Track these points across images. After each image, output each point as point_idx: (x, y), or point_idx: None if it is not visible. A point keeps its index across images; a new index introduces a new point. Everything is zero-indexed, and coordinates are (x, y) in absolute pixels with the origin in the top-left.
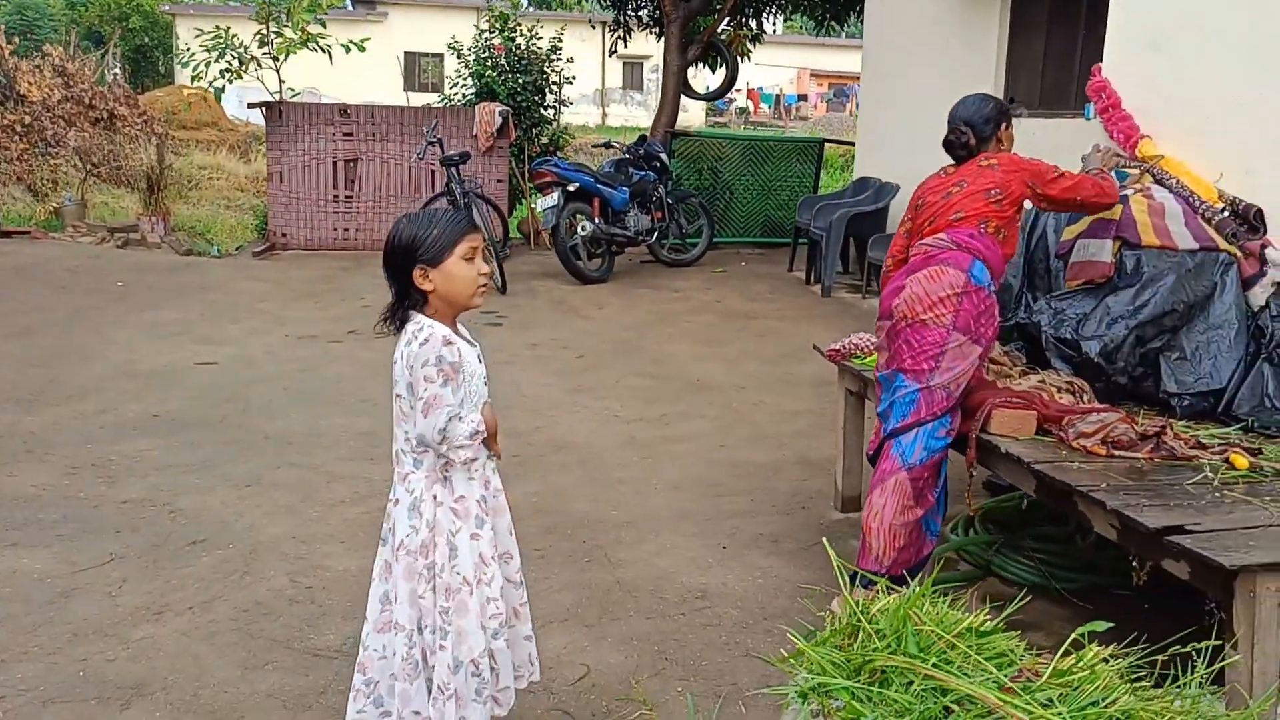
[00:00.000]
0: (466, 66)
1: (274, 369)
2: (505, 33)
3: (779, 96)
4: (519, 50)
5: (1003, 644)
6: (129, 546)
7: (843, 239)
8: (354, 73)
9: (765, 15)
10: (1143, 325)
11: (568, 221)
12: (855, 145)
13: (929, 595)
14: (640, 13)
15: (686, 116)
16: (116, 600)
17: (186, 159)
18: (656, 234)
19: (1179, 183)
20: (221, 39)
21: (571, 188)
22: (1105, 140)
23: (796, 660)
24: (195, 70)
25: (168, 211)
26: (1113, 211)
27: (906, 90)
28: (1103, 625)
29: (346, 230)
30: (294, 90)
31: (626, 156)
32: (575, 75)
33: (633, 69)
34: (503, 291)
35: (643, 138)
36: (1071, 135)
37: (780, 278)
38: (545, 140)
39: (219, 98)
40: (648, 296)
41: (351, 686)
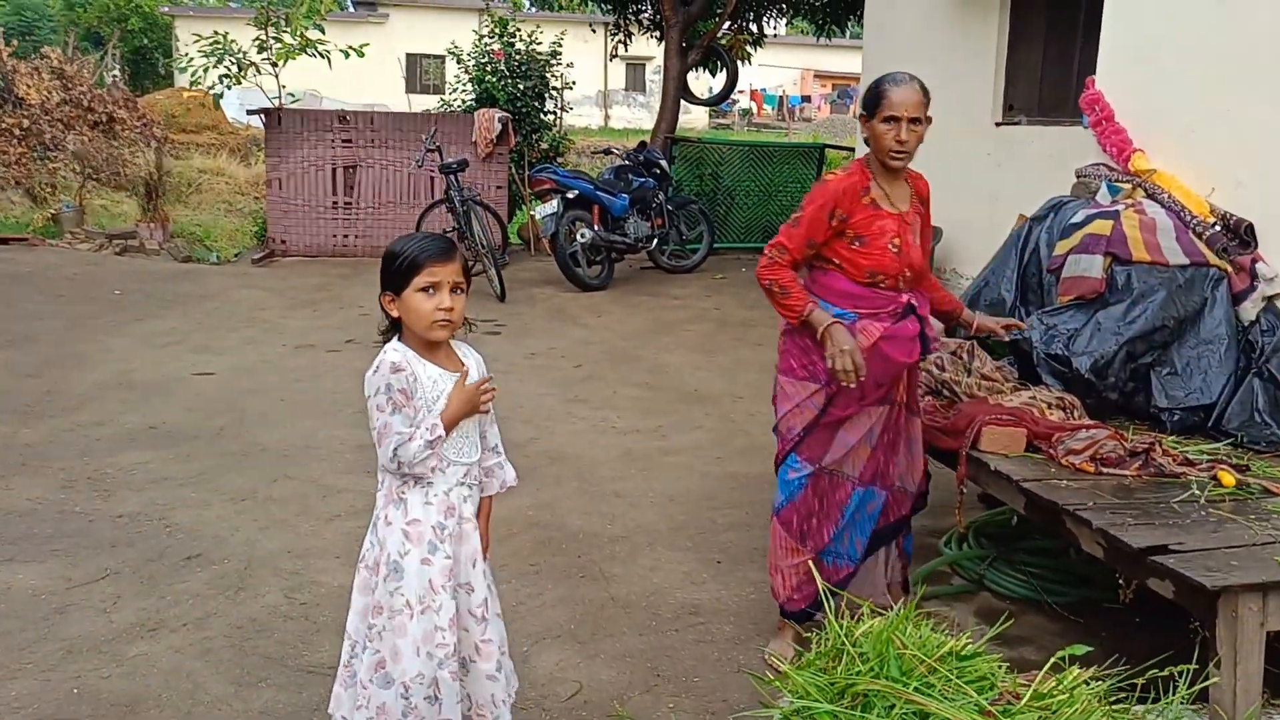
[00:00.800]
0: (466, 72)
1: (271, 379)
2: (504, 38)
3: (782, 98)
4: (519, 55)
5: (984, 667)
6: (124, 562)
7: None
8: (355, 75)
9: (766, 19)
10: (1133, 341)
11: (567, 229)
12: (855, 150)
13: (912, 617)
14: (641, 16)
15: (689, 118)
16: (111, 617)
17: (186, 162)
18: (656, 241)
19: (1171, 197)
20: (220, 44)
21: (571, 195)
22: (1100, 154)
23: (781, 683)
24: (194, 75)
25: (166, 218)
26: (1104, 227)
27: None
28: (1082, 649)
29: (346, 237)
30: (293, 95)
31: (626, 163)
32: (575, 80)
33: (635, 70)
34: (501, 299)
35: (643, 144)
36: (1070, 143)
37: None
38: (545, 146)
39: (218, 103)
40: (647, 304)
41: None
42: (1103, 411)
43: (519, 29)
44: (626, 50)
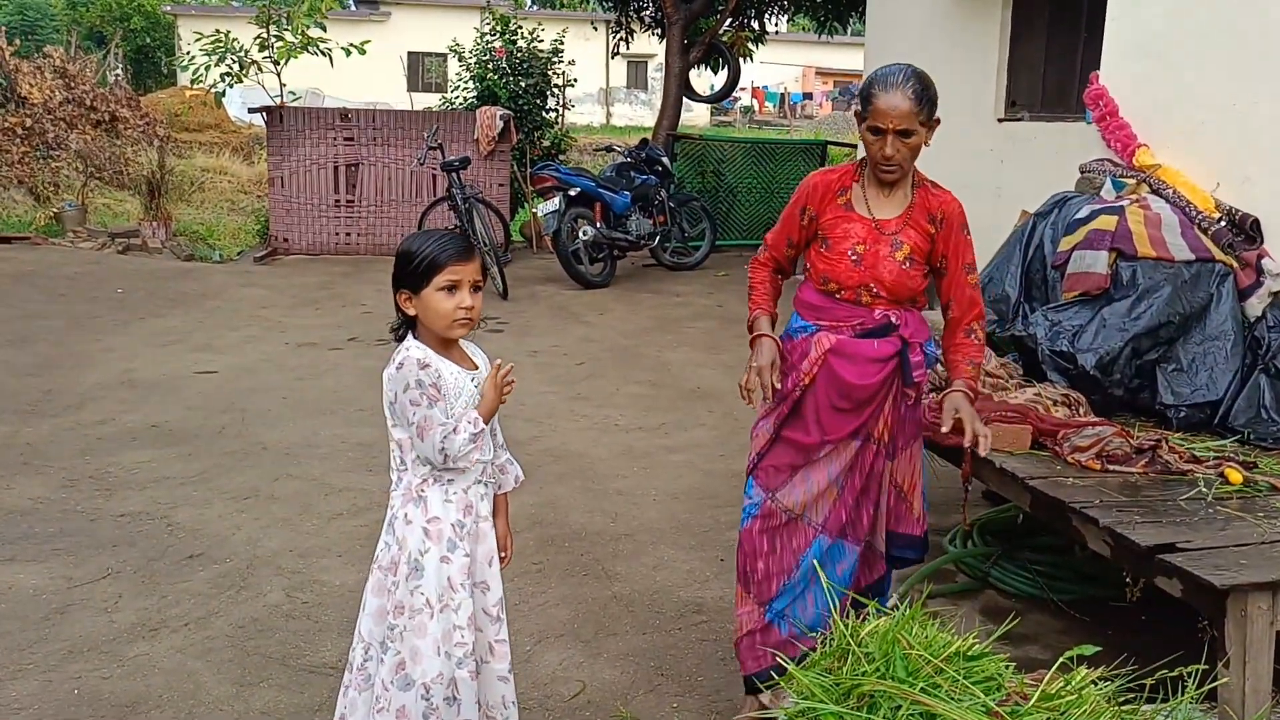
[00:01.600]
0: (468, 69)
1: (273, 378)
2: (506, 36)
3: (784, 95)
4: (520, 53)
5: (991, 667)
6: (125, 561)
7: None
8: (357, 73)
9: (768, 16)
10: (1139, 337)
11: (569, 226)
12: (858, 148)
13: (918, 618)
14: (642, 14)
15: (691, 115)
16: (112, 617)
17: (189, 161)
18: (659, 238)
19: (1176, 192)
20: (221, 43)
21: (573, 192)
22: (1104, 150)
23: (786, 683)
24: (195, 74)
25: (169, 216)
26: (1108, 223)
27: None
28: (1090, 649)
29: (348, 235)
30: (295, 94)
31: (628, 160)
32: (577, 77)
33: (637, 68)
34: (504, 297)
35: (644, 141)
36: (1073, 139)
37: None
38: (547, 144)
39: (219, 101)
40: (649, 301)
41: None
42: (1108, 408)
43: (520, 27)
44: (628, 48)
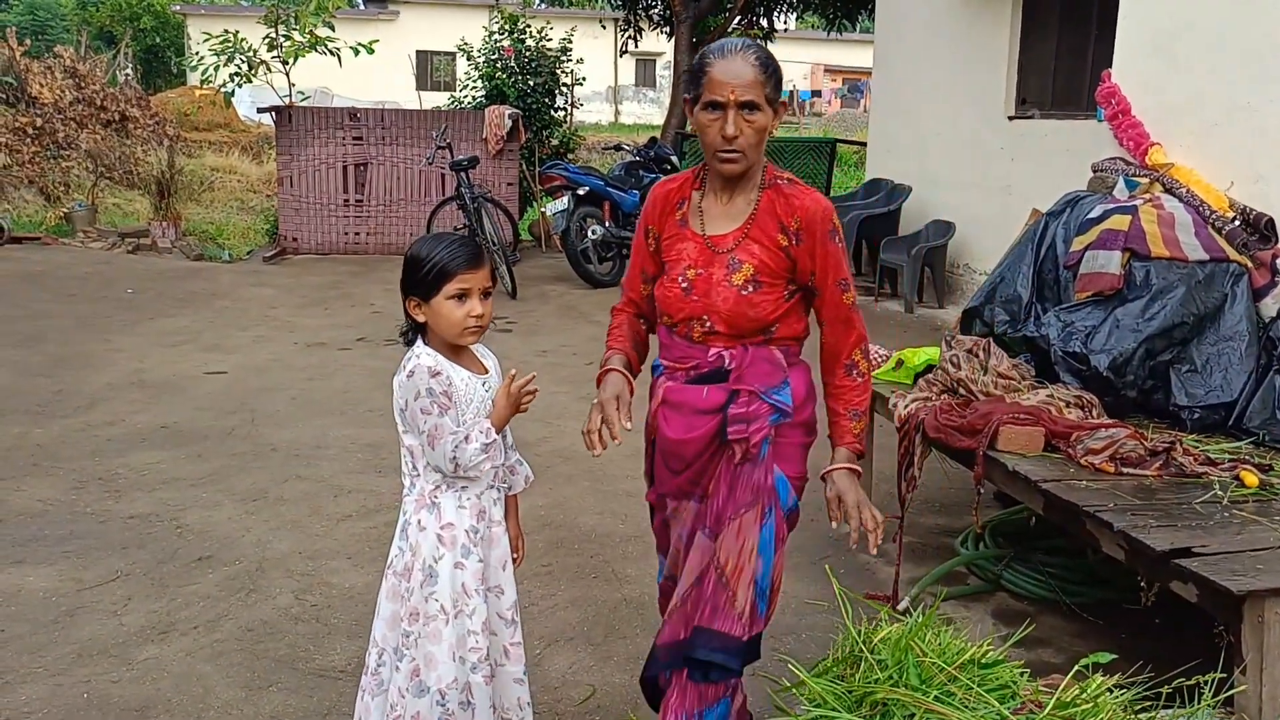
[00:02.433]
0: (476, 69)
1: (282, 378)
2: (515, 35)
3: (793, 92)
4: (529, 52)
5: (1006, 675)
6: (135, 563)
7: (855, 241)
8: (366, 72)
9: (776, 14)
10: (1152, 338)
11: (578, 225)
12: (867, 146)
13: (932, 624)
14: (651, 12)
15: None
16: (122, 619)
17: (199, 160)
18: None
19: (1189, 192)
20: (230, 43)
21: (582, 191)
22: (1116, 148)
23: (799, 690)
24: (204, 74)
25: (178, 216)
26: (1121, 222)
27: (917, 92)
28: (1107, 656)
29: (357, 234)
30: (303, 93)
31: (637, 159)
32: (586, 76)
33: (645, 66)
34: (513, 296)
35: (653, 140)
36: (1084, 137)
37: None
38: (555, 142)
39: (229, 101)
40: None
41: None
42: (1121, 410)
43: (529, 25)
44: (636, 46)
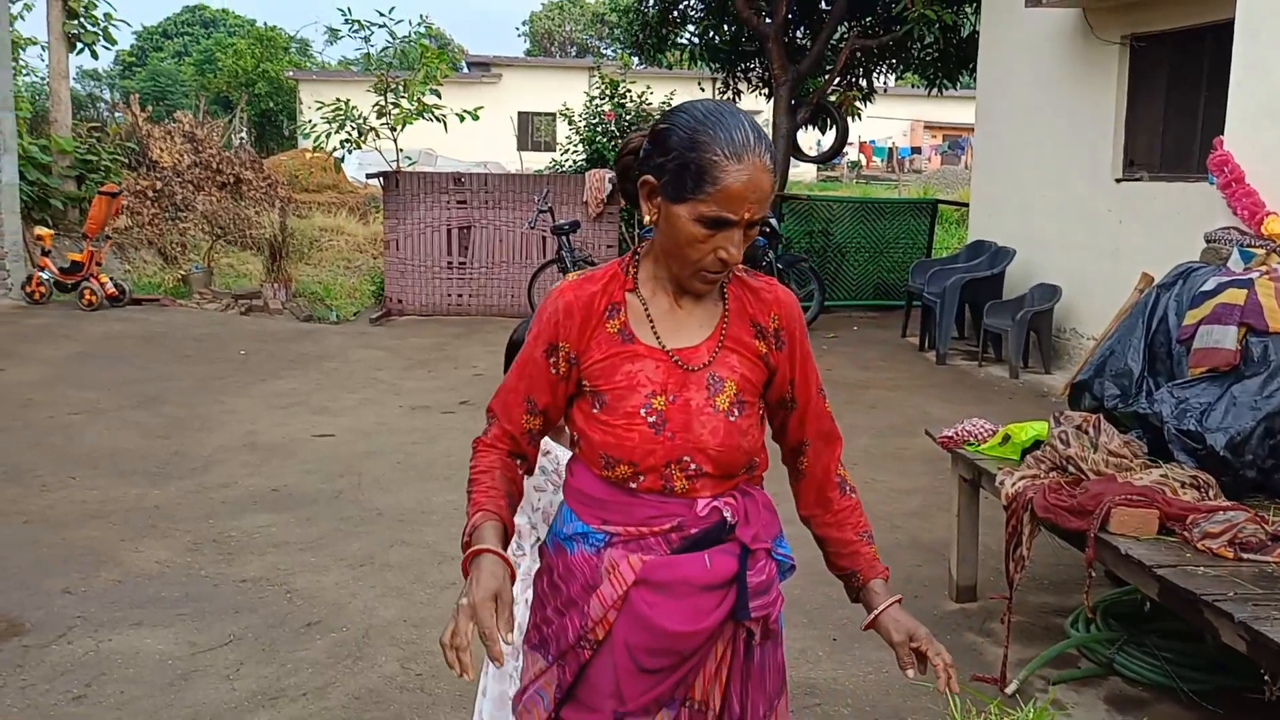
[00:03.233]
0: (577, 132)
1: (387, 441)
2: (615, 99)
3: (892, 149)
4: (629, 115)
5: None
6: (247, 628)
7: (958, 305)
8: (469, 133)
9: (876, 74)
10: (1272, 416)
11: None
12: (969, 206)
13: (1046, 715)
14: (750, 74)
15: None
16: (234, 684)
17: (308, 221)
18: None
19: None
20: (341, 111)
21: None
22: (1227, 213)
23: None
24: (316, 141)
25: (289, 277)
26: (1237, 296)
27: (1021, 152)
28: None
29: (460, 296)
30: (410, 157)
31: None
32: None
33: None
34: None
35: None
36: (1195, 200)
37: (893, 343)
38: None
39: (339, 166)
40: None
41: None
42: (1239, 490)
43: (629, 89)
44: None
